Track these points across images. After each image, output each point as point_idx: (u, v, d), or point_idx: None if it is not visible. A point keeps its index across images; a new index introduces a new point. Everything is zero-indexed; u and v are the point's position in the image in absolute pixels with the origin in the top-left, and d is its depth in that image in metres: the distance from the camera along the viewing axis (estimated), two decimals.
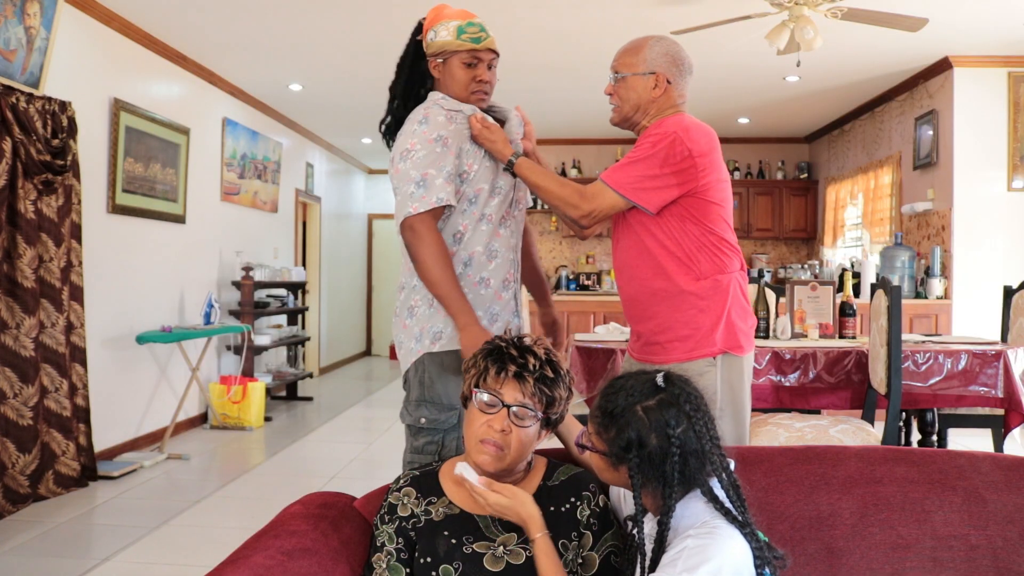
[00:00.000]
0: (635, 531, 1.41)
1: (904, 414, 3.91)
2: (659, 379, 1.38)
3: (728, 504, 1.32)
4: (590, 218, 2.15)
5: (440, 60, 2.14)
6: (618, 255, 2.25)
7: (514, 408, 1.51)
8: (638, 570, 1.38)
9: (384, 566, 1.50)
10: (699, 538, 1.27)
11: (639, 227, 2.15)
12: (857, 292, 6.34)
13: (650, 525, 1.38)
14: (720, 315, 2.09)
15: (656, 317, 2.14)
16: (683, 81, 2.21)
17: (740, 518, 1.31)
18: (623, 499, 1.59)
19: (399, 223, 2.06)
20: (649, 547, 1.34)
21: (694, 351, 2.09)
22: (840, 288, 4.28)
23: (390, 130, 2.24)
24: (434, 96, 2.17)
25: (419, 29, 2.22)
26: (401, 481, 1.60)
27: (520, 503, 1.45)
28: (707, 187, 2.09)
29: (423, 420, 2.08)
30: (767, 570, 1.28)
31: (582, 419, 2.37)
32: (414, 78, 2.23)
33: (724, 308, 2.10)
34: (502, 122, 2.29)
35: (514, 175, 2.18)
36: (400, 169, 2.07)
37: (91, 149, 4.76)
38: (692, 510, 1.33)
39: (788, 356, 3.49)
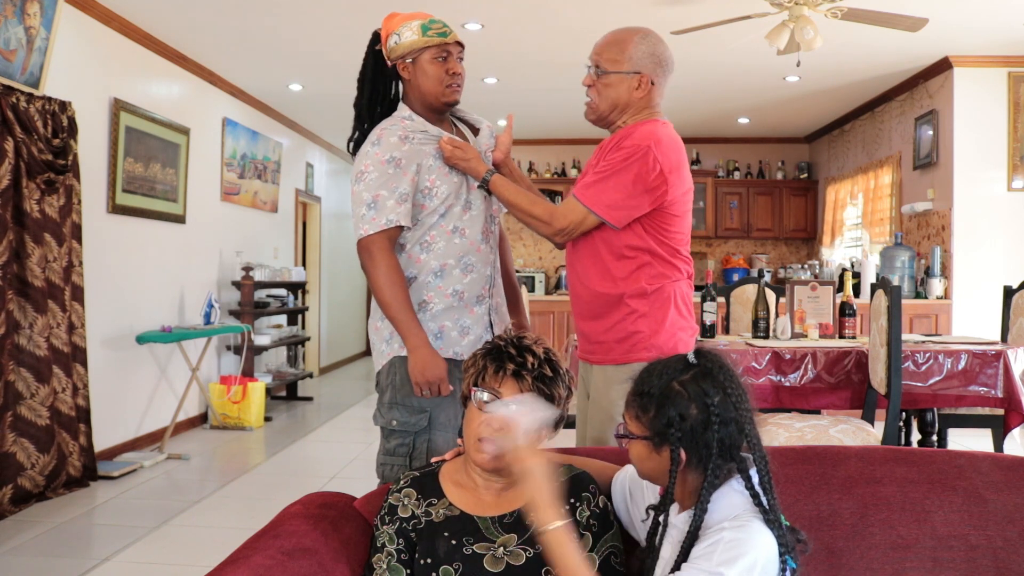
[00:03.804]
0: (661, 517, 1.41)
1: (904, 414, 3.91)
2: (690, 356, 1.39)
3: (760, 490, 1.33)
4: (562, 235, 2.16)
5: (409, 61, 2.14)
6: (570, 253, 2.25)
7: None
8: (661, 562, 1.38)
9: (384, 567, 1.50)
10: (734, 531, 1.27)
11: (596, 230, 2.14)
12: (857, 292, 6.34)
13: (679, 518, 1.38)
14: (661, 322, 2.10)
15: (600, 318, 2.15)
16: (665, 81, 2.17)
17: (768, 504, 1.31)
18: (629, 498, 1.59)
19: (356, 244, 2.10)
20: (679, 533, 1.34)
21: (630, 354, 2.10)
22: (840, 288, 4.28)
23: (358, 147, 2.23)
24: (401, 113, 2.17)
25: (376, 40, 2.22)
26: (402, 482, 1.60)
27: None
28: (673, 202, 2.08)
29: (394, 423, 2.10)
30: (789, 558, 1.28)
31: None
32: (376, 91, 2.23)
33: (666, 316, 2.10)
34: (475, 130, 2.29)
35: (489, 192, 2.18)
36: (354, 191, 2.10)
37: (91, 149, 4.76)
38: (728, 500, 1.33)
39: (788, 356, 3.50)
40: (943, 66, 5.99)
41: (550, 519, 1.35)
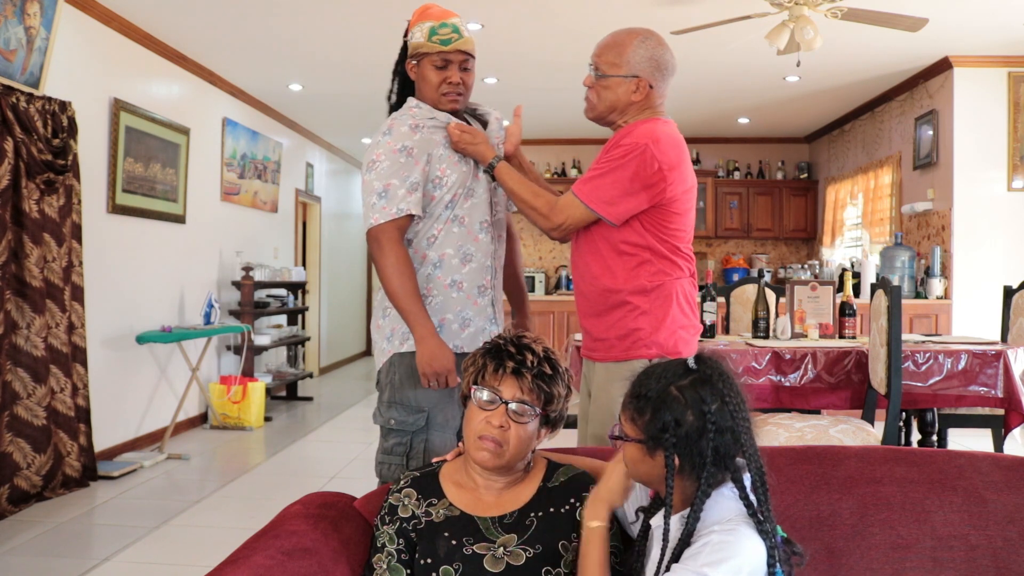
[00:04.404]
0: (651, 520, 1.41)
1: (904, 414, 3.91)
2: (690, 361, 1.39)
3: (754, 498, 1.32)
4: (560, 231, 2.16)
5: (415, 62, 2.16)
6: (574, 250, 2.26)
7: (512, 405, 1.51)
8: (651, 565, 1.38)
9: (385, 567, 1.50)
10: (723, 534, 1.27)
11: (596, 226, 2.14)
12: (857, 292, 6.34)
13: (673, 520, 1.38)
14: (662, 320, 2.10)
15: (602, 316, 2.16)
16: (664, 84, 2.17)
17: (762, 514, 1.31)
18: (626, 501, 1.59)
19: (365, 233, 2.09)
20: (674, 538, 1.34)
21: (630, 351, 2.10)
22: (840, 288, 4.28)
23: None
24: (409, 103, 2.18)
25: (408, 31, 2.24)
26: (402, 482, 1.60)
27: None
28: (673, 199, 2.09)
29: (392, 422, 2.10)
30: (779, 568, 1.28)
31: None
32: (406, 81, 2.24)
33: (667, 314, 2.11)
34: (484, 123, 2.30)
35: (493, 178, 2.18)
36: (366, 180, 2.10)
37: (91, 149, 4.76)
38: (721, 504, 1.33)
39: (788, 356, 3.49)
40: (943, 66, 5.99)
41: (596, 517, 1.41)
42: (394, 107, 2.26)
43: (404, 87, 2.25)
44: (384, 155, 2.07)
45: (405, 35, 2.21)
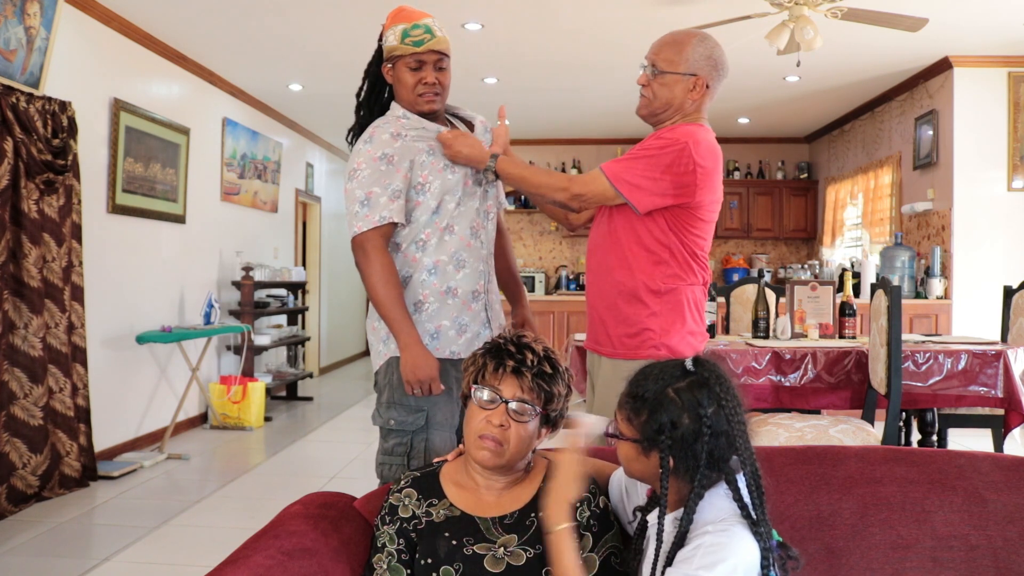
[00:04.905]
0: (647, 518, 1.40)
1: (904, 414, 3.91)
2: (688, 363, 1.39)
3: (748, 499, 1.32)
4: (579, 200, 2.15)
5: (390, 66, 2.16)
6: (591, 241, 2.26)
7: (512, 404, 1.51)
8: (647, 564, 1.38)
9: (385, 567, 1.50)
10: (716, 535, 1.27)
11: (620, 219, 2.14)
12: (857, 292, 6.34)
13: (667, 520, 1.38)
14: (673, 322, 2.12)
15: (613, 310, 2.17)
16: (719, 85, 2.19)
17: (756, 516, 1.31)
18: (625, 496, 1.59)
19: (350, 242, 2.10)
20: (668, 538, 1.34)
21: (639, 349, 2.11)
22: (840, 288, 4.28)
23: (356, 137, 2.25)
24: (396, 111, 2.18)
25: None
26: (402, 482, 1.60)
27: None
28: (700, 204, 2.10)
29: (392, 422, 2.11)
30: (773, 571, 1.28)
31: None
32: (377, 83, 2.25)
33: (678, 316, 2.13)
34: (469, 126, 2.30)
35: (496, 177, 2.17)
36: (348, 189, 2.10)
37: (91, 149, 4.76)
38: (714, 504, 1.33)
39: (788, 356, 3.49)
40: (943, 66, 5.99)
41: (560, 520, 1.37)
42: (362, 104, 2.26)
43: (374, 88, 2.26)
44: (365, 163, 2.08)
45: (380, 39, 2.21)
